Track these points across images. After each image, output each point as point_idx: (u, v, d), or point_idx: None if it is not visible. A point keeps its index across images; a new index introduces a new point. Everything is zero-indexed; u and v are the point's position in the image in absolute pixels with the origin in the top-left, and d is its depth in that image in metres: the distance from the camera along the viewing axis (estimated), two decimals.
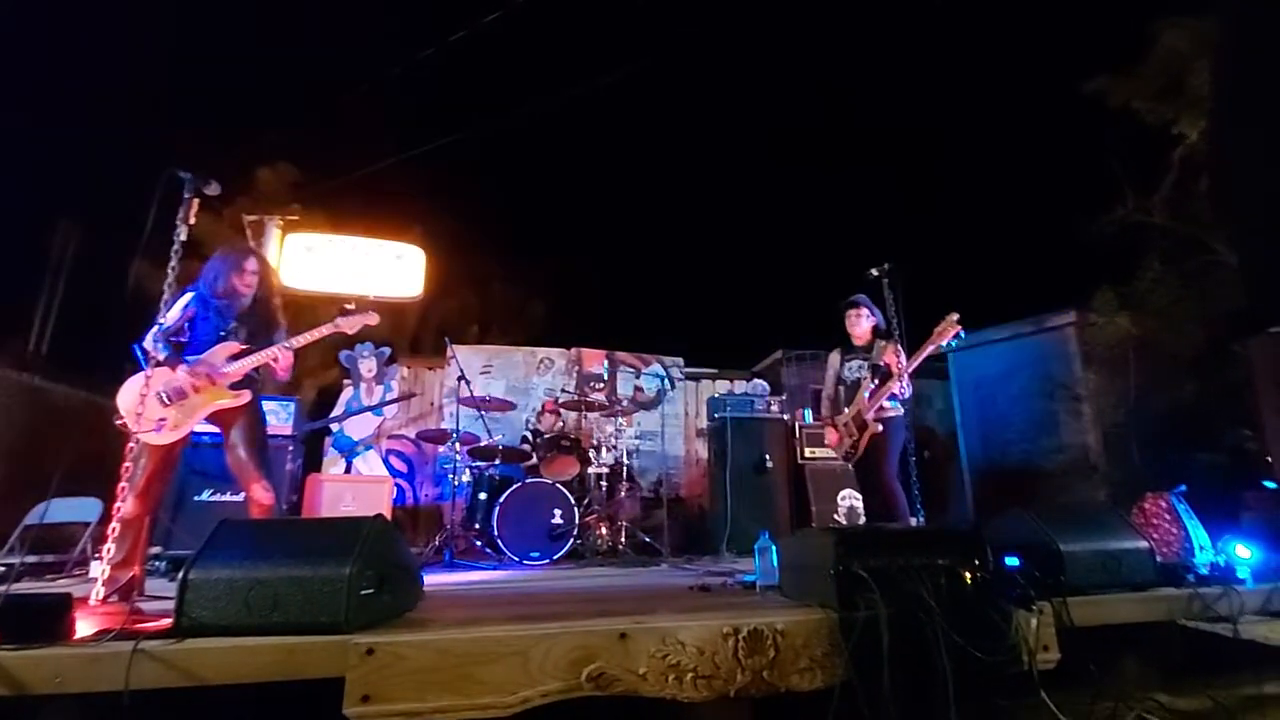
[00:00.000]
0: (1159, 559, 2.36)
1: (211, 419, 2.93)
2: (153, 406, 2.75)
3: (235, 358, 2.96)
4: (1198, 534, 2.99)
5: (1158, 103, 5.62)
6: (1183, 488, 3.21)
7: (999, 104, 9.14)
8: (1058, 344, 6.06)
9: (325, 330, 3.17)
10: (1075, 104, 6.18)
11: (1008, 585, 1.98)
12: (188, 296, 3.02)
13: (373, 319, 3.32)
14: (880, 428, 3.89)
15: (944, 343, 3.76)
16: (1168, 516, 3.11)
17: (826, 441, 4.36)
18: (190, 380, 2.85)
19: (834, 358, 4.37)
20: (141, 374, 2.79)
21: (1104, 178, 6.00)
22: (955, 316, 3.73)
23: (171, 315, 2.95)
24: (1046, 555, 2.17)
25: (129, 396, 2.76)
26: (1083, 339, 5.86)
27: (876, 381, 3.95)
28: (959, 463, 6.71)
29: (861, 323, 4.20)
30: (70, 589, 1.83)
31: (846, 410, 4.10)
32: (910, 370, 3.81)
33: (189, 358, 2.92)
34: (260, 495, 2.89)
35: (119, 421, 2.77)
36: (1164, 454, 4.93)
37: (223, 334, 2.99)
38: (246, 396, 2.97)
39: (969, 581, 1.91)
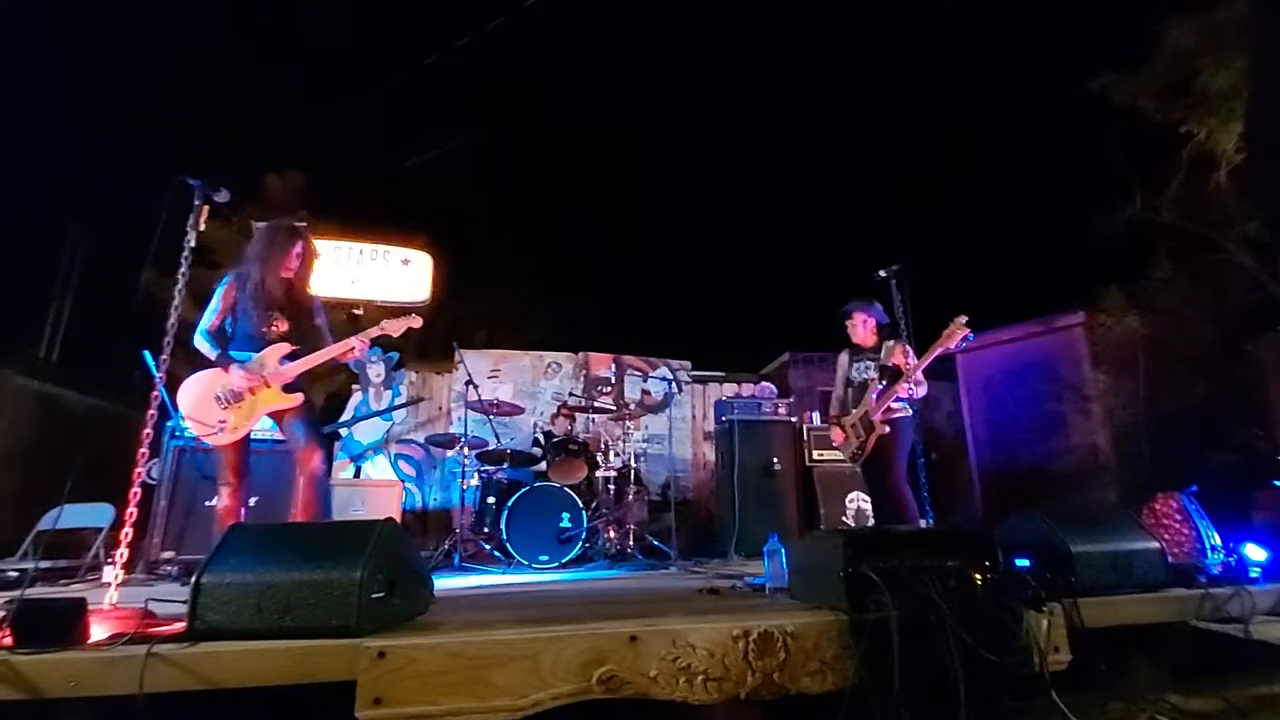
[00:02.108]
0: (1170, 559, 2.35)
1: (270, 415, 3.03)
2: (212, 409, 2.86)
3: (288, 359, 3.02)
4: (1209, 534, 2.97)
5: (1165, 101, 5.60)
6: (1194, 488, 3.19)
7: (1006, 102, 9.11)
8: (1066, 344, 6.03)
9: (373, 333, 3.21)
10: (1082, 102, 6.15)
11: (1018, 586, 1.97)
12: (228, 283, 3.07)
13: (416, 322, 3.36)
14: (887, 429, 3.87)
15: (951, 345, 3.75)
16: (1179, 517, 3.10)
17: (832, 440, 4.33)
18: (246, 383, 2.91)
19: (843, 359, 4.35)
20: (198, 375, 2.91)
21: (1112, 177, 5.97)
22: (963, 319, 3.71)
23: (211, 309, 3.01)
24: (1057, 556, 2.16)
25: (187, 399, 2.87)
26: (1092, 339, 5.83)
27: (884, 382, 3.93)
28: (967, 464, 6.68)
29: (859, 329, 4.20)
30: (84, 594, 1.84)
31: (854, 411, 4.07)
32: (917, 372, 3.80)
33: (239, 355, 2.97)
34: (314, 462, 2.97)
35: (177, 422, 2.86)
36: (1174, 454, 4.90)
37: (264, 329, 3.04)
38: (300, 399, 3.04)
39: (979, 583, 1.90)
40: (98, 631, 1.72)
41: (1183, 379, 5.13)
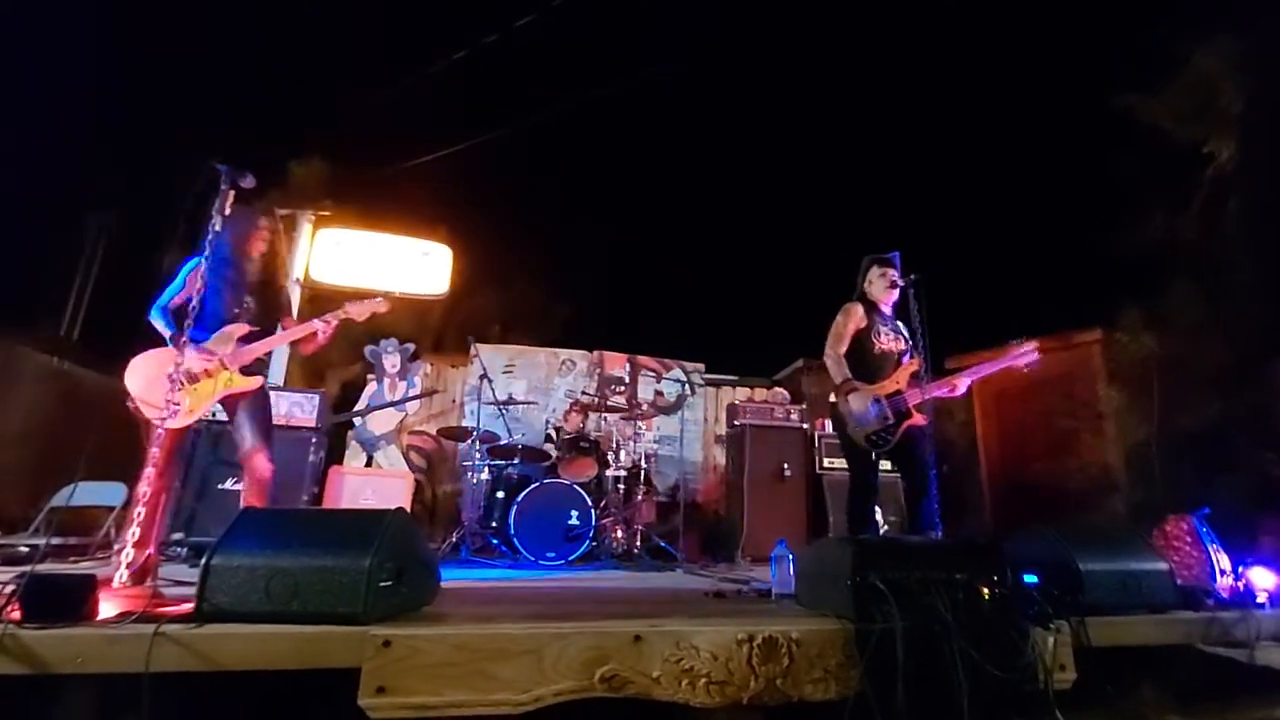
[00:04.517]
0: (1179, 581, 2.33)
1: (220, 402, 2.92)
2: (164, 390, 2.70)
3: (245, 340, 2.94)
4: (1219, 558, 2.94)
5: (1187, 121, 5.55)
6: (1205, 510, 3.15)
7: (1028, 117, 9.04)
8: (1081, 361, 5.98)
9: (337, 315, 3.13)
10: (1105, 119, 6.10)
11: (1026, 602, 1.96)
12: (198, 262, 2.92)
13: (382, 306, 3.27)
14: (924, 421, 3.37)
15: (1019, 364, 3.53)
16: (1189, 539, 3.06)
17: (854, 408, 3.45)
18: (203, 364, 2.82)
19: (857, 309, 3.60)
20: (148, 354, 2.80)
21: (1132, 196, 5.92)
22: (1034, 344, 3.52)
23: (174, 287, 2.93)
24: (1066, 573, 2.15)
25: (138, 379, 2.75)
26: (1107, 357, 5.78)
27: (926, 372, 3.38)
28: (978, 477, 6.63)
29: (892, 290, 3.61)
30: (94, 571, 1.86)
31: (880, 382, 3.46)
32: (974, 378, 3.49)
33: (197, 334, 2.83)
34: (260, 465, 2.86)
35: (130, 404, 2.77)
36: (1186, 475, 4.85)
37: (236, 311, 2.97)
38: (259, 382, 2.96)
39: (987, 597, 1.89)
40: (106, 609, 1.73)
41: (1198, 399, 5.07)
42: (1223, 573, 2.87)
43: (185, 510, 4.36)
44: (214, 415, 3.36)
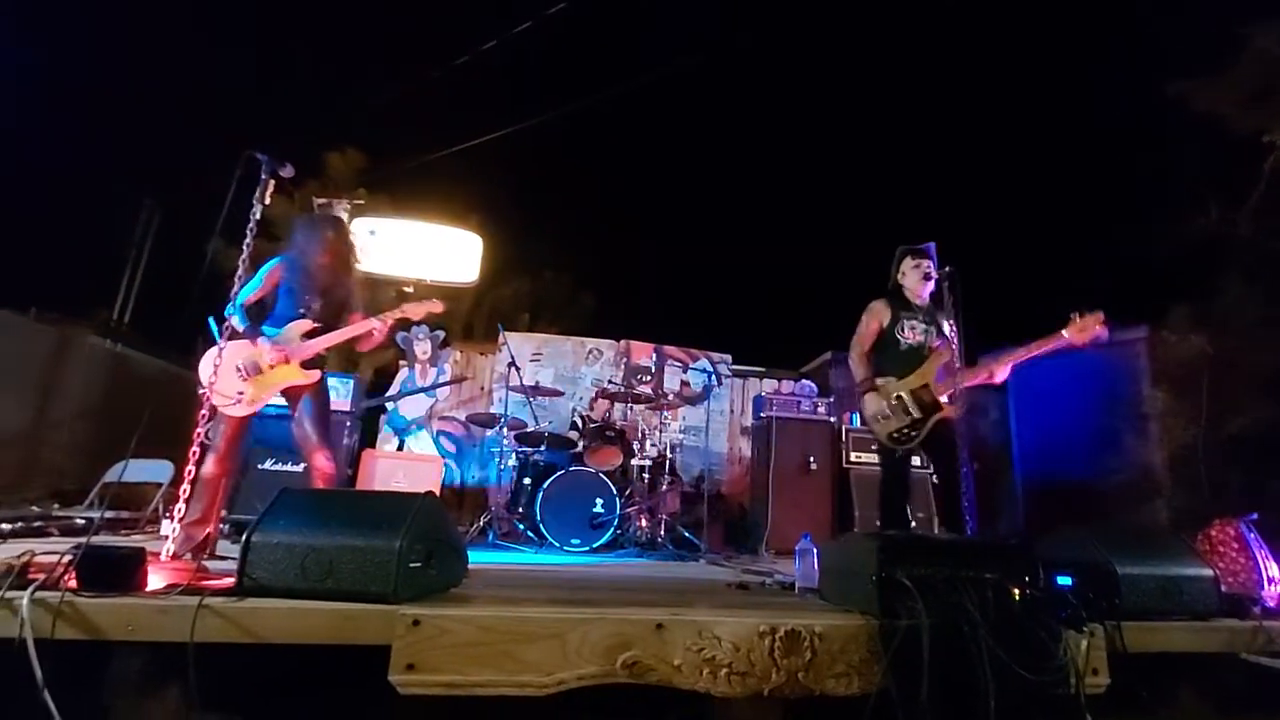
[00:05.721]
0: (1224, 589, 2.26)
1: (281, 393, 3.08)
2: (231, 380, 2.92)
3: (310, 335, 3.08)
4: (1267, 565, 2.84)
5: (1247, 109, 5.31)
6: (1254, 515, 3.04)
7: (1074, 107, 8.77)
8: (1126, 359, 5.79)
9: (394, 314, 3.27)
10: (1155, 108, 5.88)
11: (1058, 604, 1.92)
12: (276, 263, 3.17)
13: (437, 307, 3.41)
14: (957, 413, 3.22)
15: (1079, 343, 3.19)
16: (1235, 545, 2.95)
17: (869, 409, 3.43)
18: (268, 356, 2.98)
19: (880, 307, 3.53)
20: (219, 347, 2.91)
21: (1183, 187, 5.69)
22: (1101, 315, 3.16)
23: (251, 285, 3.08)
24: (1102, 576, 2.09)
25: (207, 368, 2.90)
26: (1153, 356, 5.59)
27: (956, 358, 3.24)
28: (1012, 475, 6.50)
29: (926, 280, 3.48)
30: (144, 544, 1.94)
31: (903, 379, 3.34)
32: (1017, 362, 3.25)
33: (268, 329, 3.05)
34: (322, 464, 3.04)
35: (202, 392, 2.94)
36: (1234, 479, 4.68)
37: (302, 310, 3.12)
38: (317, 375, 3.11)
39: (1017, 597, 1.86)
40: (154, 581, 1.80)
41: (1250, 401, 4.89)
42: (1271, 580, 2.77)
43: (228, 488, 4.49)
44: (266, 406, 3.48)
